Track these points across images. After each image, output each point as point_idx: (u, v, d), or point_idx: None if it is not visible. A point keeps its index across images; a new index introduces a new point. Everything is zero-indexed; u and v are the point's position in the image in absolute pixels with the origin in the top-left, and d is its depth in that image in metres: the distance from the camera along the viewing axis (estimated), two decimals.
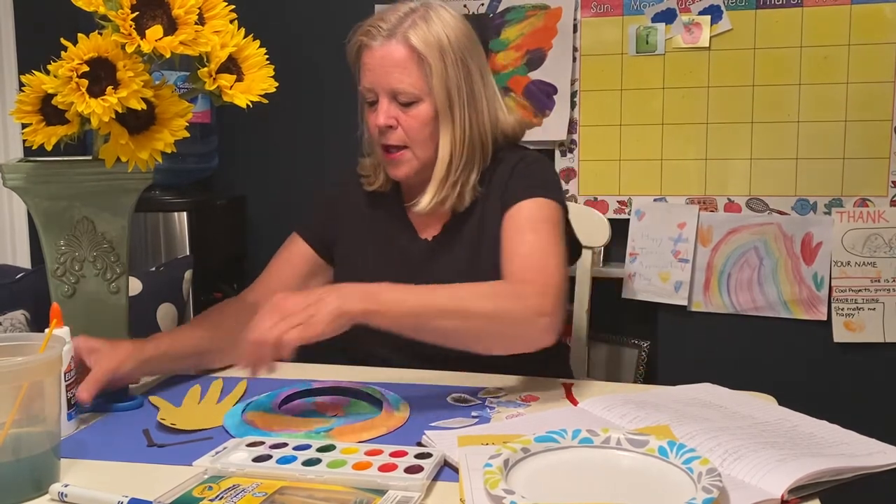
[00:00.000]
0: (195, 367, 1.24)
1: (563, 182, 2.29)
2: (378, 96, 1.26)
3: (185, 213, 2.15)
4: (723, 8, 2.14)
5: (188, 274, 1.80)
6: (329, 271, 1.40)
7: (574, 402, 1.08)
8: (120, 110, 1.03)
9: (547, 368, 1.24)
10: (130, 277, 1.21)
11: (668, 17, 2.17)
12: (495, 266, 1.23)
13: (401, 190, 1.38)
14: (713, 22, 2.14)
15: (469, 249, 1.31)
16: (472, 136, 1.29)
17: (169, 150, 1.10)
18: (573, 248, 1.34)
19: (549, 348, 1.13)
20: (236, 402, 1.09)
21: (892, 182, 2.09)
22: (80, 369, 1.03)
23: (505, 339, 1.11)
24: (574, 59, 2.24)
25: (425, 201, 1.28)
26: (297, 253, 1.39)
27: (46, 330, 0.90)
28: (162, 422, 1.01)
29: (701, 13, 2.15)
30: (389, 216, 1.37)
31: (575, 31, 2.24)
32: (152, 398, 1.11)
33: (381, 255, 1.35)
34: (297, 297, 1.00)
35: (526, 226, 1.23)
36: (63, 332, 0.99)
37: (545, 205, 1.26)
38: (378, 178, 1.37)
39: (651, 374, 2.28)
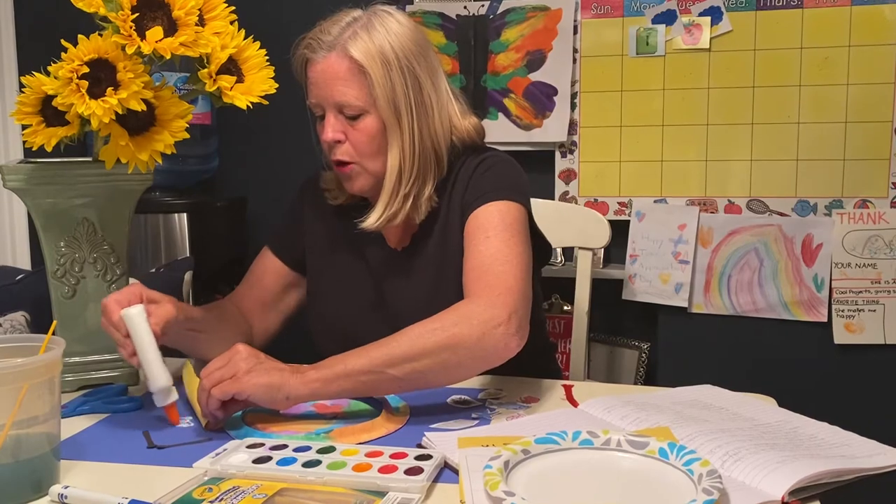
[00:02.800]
0: (192, 347, 1.25)
1: (562, 183, 2.29)
2: (325, 111, 1.22)
3: (185, 215, 2.15)
4: (723, 9, 2.14)
5: (188, 275, 1.80)
6: (303, 283, 1.38)
7: (574, 404, 1.08)
8: (120, 111, 1.03)
9: (534, 368, 1.23)
10: (130, 279, 1.21)
11: (668, 18, 2.17)
12: (460, 274, 1.19)
13: (368, 200, 1.32)
14: (713, 23, 2.14)
15: (435, 258, 1.27)
16: (423, 147, 1.23)
17: (169, 152, 1.10)
18: (540, 249, 1.29)
19: (531, 348, 1.10)
20: None
21: (893, 183, 2.09)
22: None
23: (467, 364, 1.06)
24: (574, 61, 2.25)
25: (373, 218, 1.23)
26: (270, 269, 1.38)
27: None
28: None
29: (701, 14, 2.15)
30: (357, 226, 1.28)
31: (575, 32, 2.24)
32: (187, 366, 1.16)
33: (352, 266, 1.32)
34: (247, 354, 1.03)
35: (480, 234, 1.18)
36: (137, 309, 1.04)
37: (502, 208, 1.20)
38: (340, 194, 1.33)
39: (651, 376, 2.28)
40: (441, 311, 1.07)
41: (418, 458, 0.86)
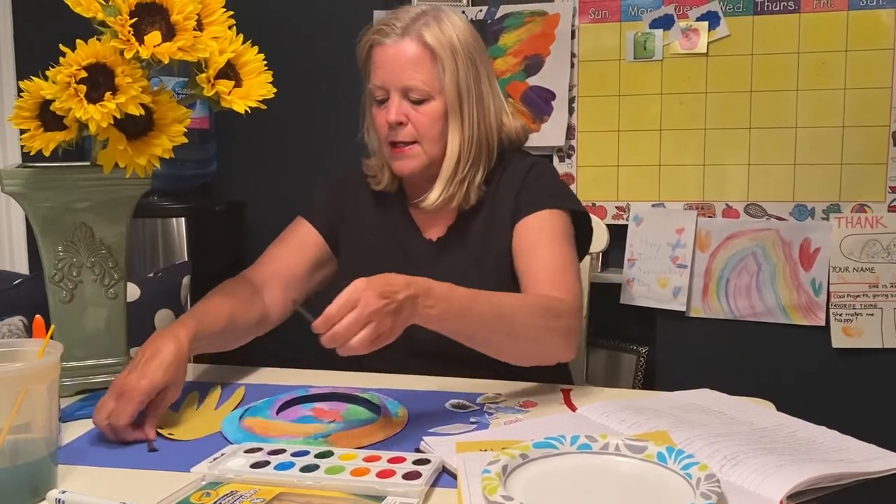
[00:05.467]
0: (220, 346, 1.23)
1: None
2: (389, 93, 1.28)
3: (183, 219, 2.15)
4: (720, 14, 2.14)
5: (186, 280, 1.79)
6: (333, 264, 1.39)
7: (573, 408, 1.08)
8: (118, 116, 1.03)
9: (552, 374, 1.25)
10: (128, 283, 1.21)
11: (665, 23, 2.18)
12: (499, 269, 1.25)
13: (405, 191, 1.38)
14: (711, 28, 2.15)
15: (474, 251, 1.32)
16: (479, 135, 1.31)
17: (167, 156, 1.10)
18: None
19: None
20: (234, 409, 1.09)
21: (890, 187, 2.09)
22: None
23: (537, 354, 1.14)
24: (572, 65, 2.25)
25: (434, 196, 1.30)
26: (307, 240, 1.37)
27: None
28: (159, 431, 1.01)
29: (699, 19, 2.16)
30: (394, 216, 1.38)
31: (573, 37, 2.24)
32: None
33: (387, 254, 1.35)
34: (379, 296, 0.94)
35: (545, 237, 1.26)
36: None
37: (562, 216, 1.29)
38: (383, 178, 1.37)
39: (649, 380, 2.28)
40: (540, 296, 1.15)
41: (416, 462, 0.86)
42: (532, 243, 1.26)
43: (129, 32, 1.02)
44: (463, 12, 2.29)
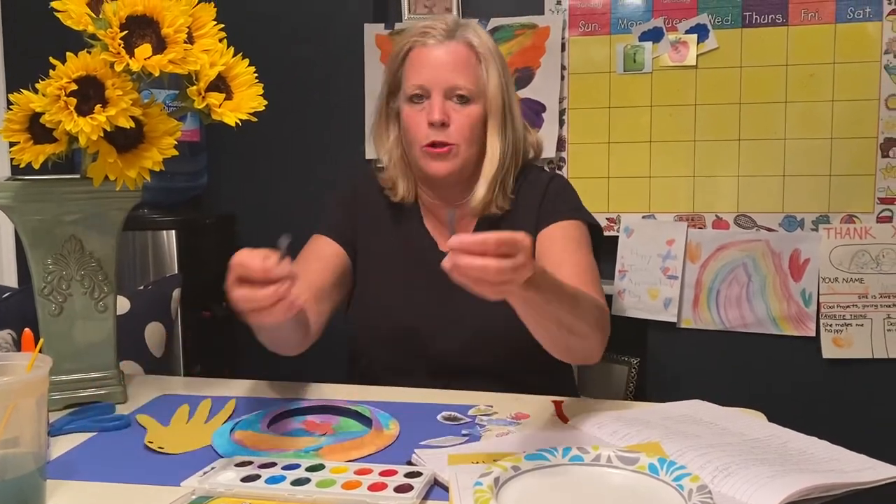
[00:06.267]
0: (291, 335, 1.17)
1: None
2: (430, 93, 1.29)
3: (173, 232, 2.15)
4: (709, 27, 2.16)
5: (177, 292, 1.79)
6: (350, 279, 1.38)
7: (564, 420, 1.08)
8: (108, 129, 1.03)
9: (560, 386, 1.29)
10: (118, 296, 1.21)
11: (655, 35, 2.19)
12: None
13: (419, 203, 1.39)
14: (700, 41, 2.16)
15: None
16: (514, 141, 1.35)
17: (157, 169, 1.10)
18: None
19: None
20: (225, 422, 1.09)
21: (879, 198, 2.10)
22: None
23: (584, 350, 1.14)
24: (562, 78, 2.26)
25: (480, 195, 1.31)
26: (329, 253, 1.35)
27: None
28: (149, 445, 1.00)
29: (688, 32, 2.17)
30: (410, 228, 1.39)
31: (563, 49, 2.25)
32: (139, 417, 1.10)
33: (405, 266, 1.36)
34: (530, 260, 0.87)
35: (573, 244, 1.29)
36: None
37: (583, 227, 1.33)
38: (399, 189, 1.38)
39: (641, 391, 2.28)
40: (589, 294, 1.15)
41: (408, 475, 0.85)
42: (558, 250, 1.28)
43: (120, 45, 1.02)
44: None
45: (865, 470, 0.86)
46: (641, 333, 2.28)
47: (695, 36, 2.16)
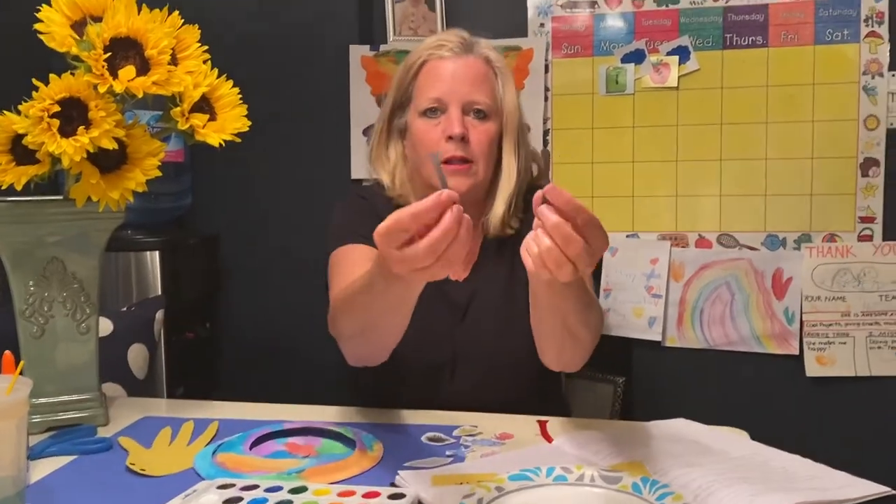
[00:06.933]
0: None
1: None
2: (447, 107, 1.26)
3: (157, 253, 2.14)
4: (690, 49, 2.18)
5: (160, 314, 1.78)
6: None
7: (549, 440, 1.08)
8: (91, 150, 1.03)
9: (555, 408, 1.28)
10: (101, 318, 1.20)
11: (637, 57, 2.21)
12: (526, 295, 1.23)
13: None
14: (681, 62, 2.19)
15: (505, 281, 1.32)
16: (527, 160, 1.33)
17: (140, 190, 1.09)
18: None
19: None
20: (207, 444, 1.08)
21: (860, 217, 2.12)
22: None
23: (569, 357, 1.15)
24: (546, 99, 2.28)
25: (499, 214, 1.29)
26: (368, 255, 1.16)
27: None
28: (131, 467, 0.99)
29: (669, 54, 2.19)
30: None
31: (546, 71, 2.27)
32: (121, 440, 1.09)
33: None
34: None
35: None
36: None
37: None
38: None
39: (626, 410, 2.28)
40: (593, 300, 1.13)
41: (392, 497, 0.85)
42: None
43: (103, 67, 1.03)
44: None
45: (847, 487, 0.87)
46: (626, 352, 2.28)
47: (676, 58, 2.19)
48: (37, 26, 1.05)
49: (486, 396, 1.25)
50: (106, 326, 1.57)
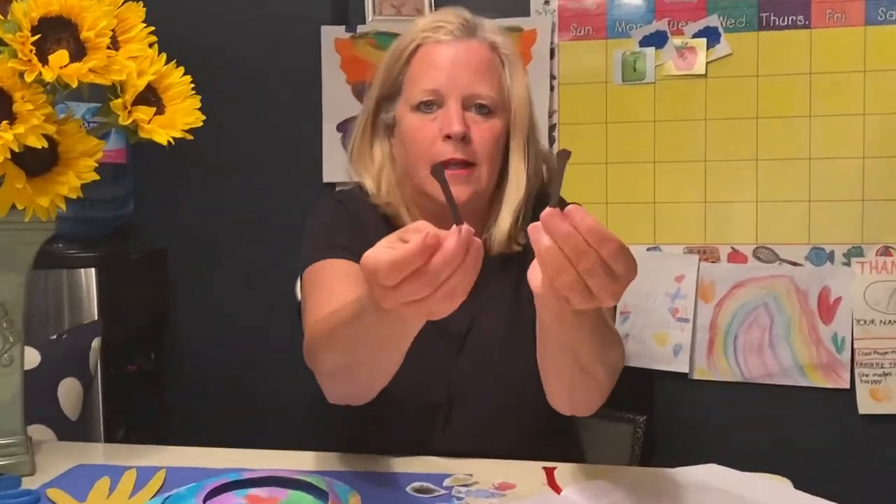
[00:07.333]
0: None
1: None
2: (445, 101, 1.25)
3: (93, 270, 2.13)
4: (720, 30, 2.19)
5: (96, 342, 1.77)
6: None
7: (557, 490, 1.08)
8: (16, 149, 1.03)
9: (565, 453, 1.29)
10: (26, 347, 1.19)
11: (657, 40, 2.23)
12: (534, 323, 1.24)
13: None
14: (709, 46, 2.20)
15: (506, 311, 1.31)
16: (537, 163, 1.32)
17: (74, 196, 1.09)
18: None
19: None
20: (153, 497, 1.07)
21: None
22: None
23: (582, 400, 1.16)
24: (551, 89, 2.29)
25: (505, 228, 1.28)
26: (352, 272, 1.15)
27: None
28: None
29: (695, 36, 2.21)
30: None
31: (552, 56, 2.28)
32: (50, 492, 1.09)
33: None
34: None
35: None
36: None
37: None
38: (402, 217, 1.31)
39: (648, 454, 2.28)
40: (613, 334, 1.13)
41: None
42: None
43: (31, 52, 1.03)
44: None
45: None
46: (648, 386, 2.28)
47: (704, 40, 2.20)
48: None
49: (486, 443, 1.25)
50: (33, 358, 1.57)
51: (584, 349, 1.02)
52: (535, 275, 0.85)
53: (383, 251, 0.78)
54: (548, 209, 0.79)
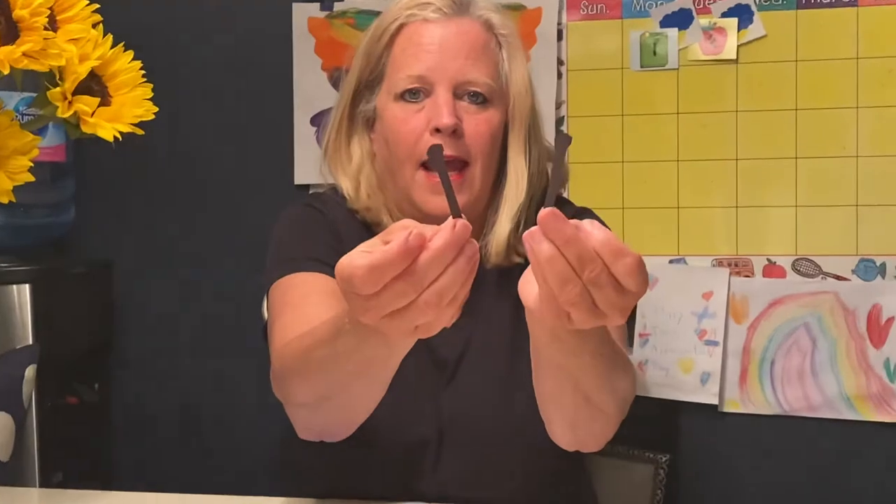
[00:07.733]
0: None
1: None
2: (433, 88, 1.25)
3: (27, 286, 2.13)
4: (753, 8, 2.20)
5: (31, 371, 1.77)
6: None
7: None
8: None
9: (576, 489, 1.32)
10: None
11: (681, 20, 2.23)
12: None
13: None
14: (741, 26, 2.20)
15: (504, 333, 1.32)
16: (540, 160, 1.33)
17: (6, 200, 1.09)
18: None
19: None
20: None
21: None
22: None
23: (585, 435, 1.17)
24: (559, 76, 2.29)
25: (503, 236, 1.28)
26: (326, 288, 1.19)
27: None
28: None
29: (725, 15, 2.21)
30: None
31: (560, 38, 2.29)
32: None
33: None
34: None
35: None
36: None
37: None
38: (384, 223, 1.32)
39: (672, 498, 2.28)
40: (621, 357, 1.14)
41: None
42: None
43: None
44: None
45: None
46: (671, 420, 2.29)
47: (734, 20, 2.21)
48: None
49: (483, 487, 1.25)
50: None
51: (587, 375, 1.02)
52: (528, 288, 0.84)
53: (360, 255, 0.77)
54: (545, 209, 0.77)
